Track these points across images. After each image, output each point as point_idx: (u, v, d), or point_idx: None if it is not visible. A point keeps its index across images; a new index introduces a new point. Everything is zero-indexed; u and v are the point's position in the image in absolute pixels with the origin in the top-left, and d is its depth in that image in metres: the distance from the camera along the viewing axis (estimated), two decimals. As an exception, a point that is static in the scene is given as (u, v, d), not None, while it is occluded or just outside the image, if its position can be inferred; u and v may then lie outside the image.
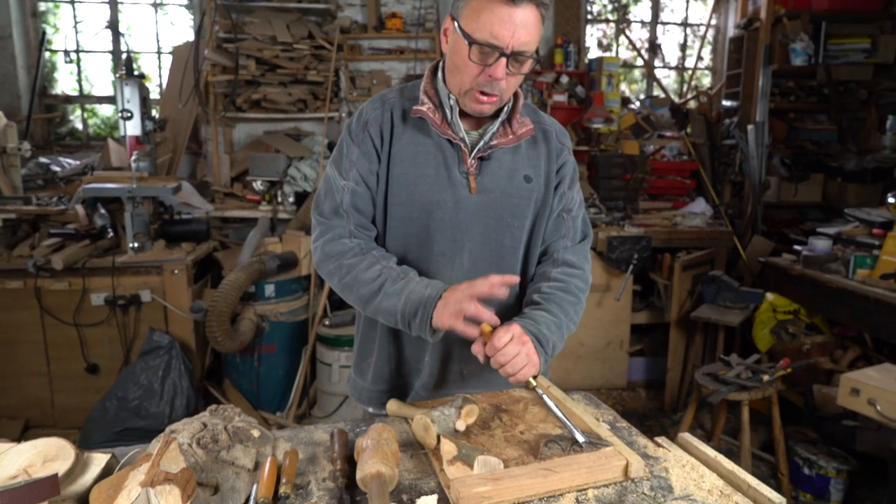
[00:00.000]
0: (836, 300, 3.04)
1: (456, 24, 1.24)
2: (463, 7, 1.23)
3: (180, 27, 5.01)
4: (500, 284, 1.22)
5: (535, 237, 1.43)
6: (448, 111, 1.34)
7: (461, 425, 1.20)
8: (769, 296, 3.49)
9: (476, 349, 1.23)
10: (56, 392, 3.33)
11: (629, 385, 4.17)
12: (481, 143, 1.35)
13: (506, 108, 1.36)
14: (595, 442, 1.15)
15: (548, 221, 1.43)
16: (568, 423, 1.17)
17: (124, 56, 3.73)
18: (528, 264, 1.45)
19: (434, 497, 0.97)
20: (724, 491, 1.07)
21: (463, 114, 1.35)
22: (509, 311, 1.40)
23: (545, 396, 1.22)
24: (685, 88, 5.55)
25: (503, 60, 1.21)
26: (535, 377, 1.24)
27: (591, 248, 1.42)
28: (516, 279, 1.27)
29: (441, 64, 1.37)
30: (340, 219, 1.36)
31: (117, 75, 3.46)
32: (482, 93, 1.26)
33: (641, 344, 4.28)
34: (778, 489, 2.67)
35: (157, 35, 4.96)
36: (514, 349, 1.19)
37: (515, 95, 1.37)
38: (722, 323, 3.44)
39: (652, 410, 3.92)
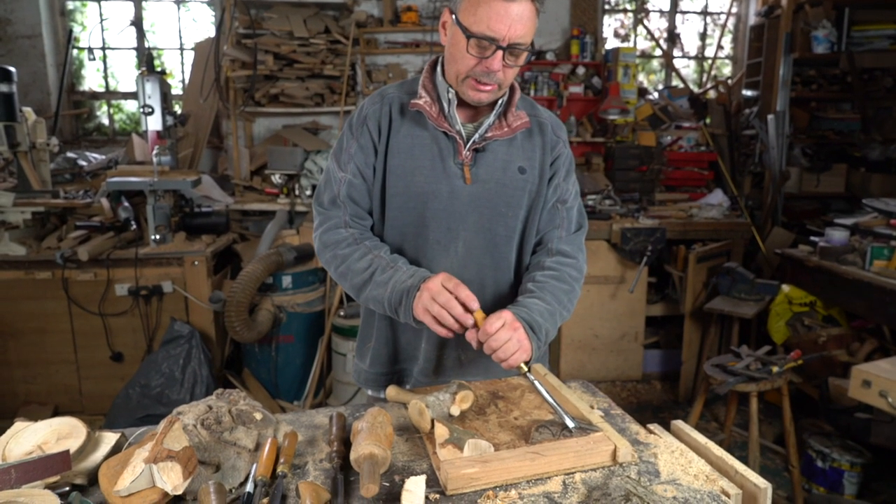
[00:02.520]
0: (853, 292, 3.00)
1: (454, 17, 1.29)
2: (461, 1, 1.27)
3: (202, 23, 5.11)
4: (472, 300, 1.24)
5: (529, 227, 1.46)
6: (446, 104, 1.38)
7: (455, 410, 1.24)
8: (785, 287, 3.45)
9: (469, 336, 1.26)
10: (83, 379, 3.46)
11: (644, 377, 4.16)
12: (476, 134, 1.39)
13: (501, 102, 1.39)
14: (585, 427, 1.18)
15: (542, 212, 1.46)
16: (559, 408, 1.20)
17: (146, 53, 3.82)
18: (523, 253, 1.48)
19: (422, 478, 1.00)
20: (711, 476, 1.09)
21: (460, 106, 1.40)
22: (503, 300, 1.44)
23: (536, 382, 1.25)
24: (704, 78, 5.47)
25: (499, 53, 1.26)
26: (526, 363, 1.26)
27: (605, 241, 1.46)
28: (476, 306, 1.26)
29: (440, 59, 1.41)
30: (337, 209, 1.42)
31: (139, 72, 3.55)
32: (479, 81, 1.30)
33: (657, 336, 4.26)
34: (789, 482, 2.67)
35: (180, 32, 5.06)
36: (506, 335, 1.22)
37: (512, 89, 1.41)
38: (736, 315, 3.42)
39: (667, 402, 3.91)
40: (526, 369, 1.26)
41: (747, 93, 5.06)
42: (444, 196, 1.38)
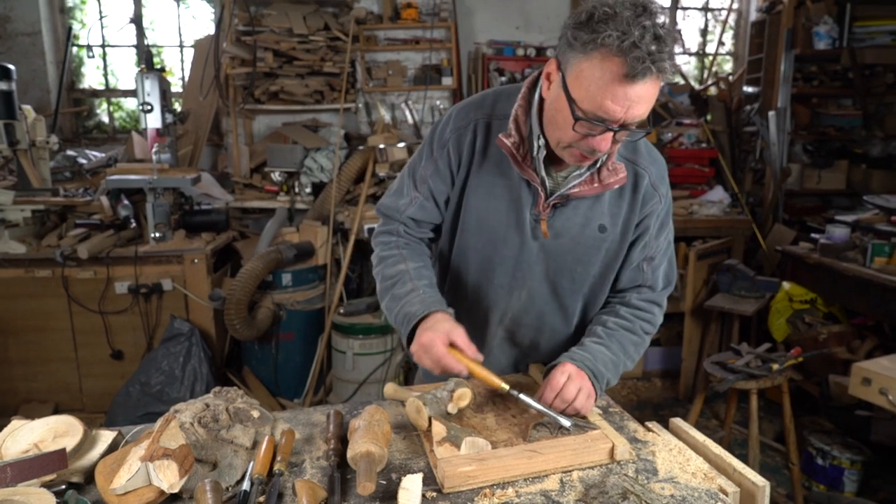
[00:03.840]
0: (853, 289, 3.00)
1: (561, 76, 1.11)
2: (573, 63, 1.07)
3: (202, 21, 5.10)
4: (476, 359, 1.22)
5: (601, 282, 1.39)
6: (535, 147, 1.23)
7: (453, 408, 1.23)
8: (785, 285, 3.44)
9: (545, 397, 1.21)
10: (84, 377, 3.46)
11: (645, 374, 4.15)
12: (560, 189, 1.27)
13: (600, 159, 1.23)
14: (582, 425, 1.18)
15: (623, 270, 1.38)
16: (550, 411, 1.20)
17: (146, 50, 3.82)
18: (589, 305, 1.42)
19: (419, 475, 1.00)
20: (709, 474, 1.09)
21: (548, 151, 1.25)
22: (558, 348, 1.40)
23: (522, 396, 1.22)
24: (705, 74, 5.46)
25: (609, 135, 1.10)
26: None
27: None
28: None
29: (539, 88, 1.24)
30: (395, 220, 1.42)
31: (138, 69, 3.54)
32: (582, 153, 1.16)
33: (658, 334, 4.25)
34: (789, 479, 2.66)
35: (180, 29, 5.06)
36: (574, 388, 1.19)
37: None
38: (736, 312, 3.41)
39: (667, 400, 3.90)
40: (507, 388, 1.23)
41: (748, 89, 5.04)
42: (515, 245, 1.33)
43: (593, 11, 1.04)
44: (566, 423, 1.17)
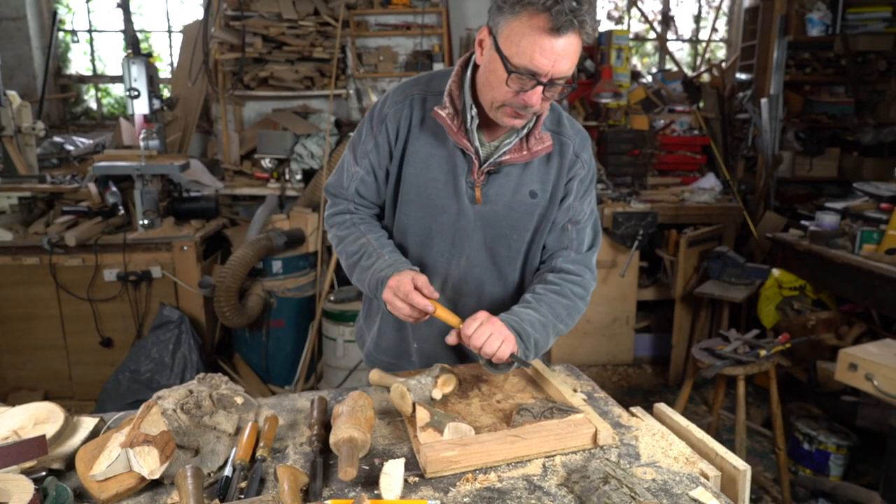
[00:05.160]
0: (842, 276, 3.01)
1: (493, 39, 1.20)
2: (502, 25, 1.18)
3: (190, 5, 5.04)
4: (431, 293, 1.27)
5: (534, 248, 1.44)
6: (468, 118, 1.32)
7: (437, 394, 1.23)
8: (775, 272, 3.46)
9: (451, 340, 1.27)
10: (73, 365, 3.45)
11: (635, 361, 4.18)
12: (493, 157, 1.35)
13: (527, 124, 1.33)
14: (566, 409, 1.18)
15: (550, 232, 1.43)
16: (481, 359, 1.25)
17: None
18: (526, 272, 1.47)
19: (401, 461, 1.00)
20: (690, 458, 1.09)
21: (481, 122, 1.34)
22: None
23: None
24: (699, 61, 5.44)
25: (539, 88, 1.19)
26: (515, 356, 1.24)
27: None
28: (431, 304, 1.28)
29: (473, 60, 1.33)
30: (343, 198, 1.47)
31: (125, 54, 3.49)
32: (516, 112, 1.24)
33: (648, 320, 4.28)
34: (776, 464, 2.69)
35: (168, 14, 4.99)
36: (486, 330, 1.21)
37: None
38: (726, 299, 3.43)
39: (657, 386, 3.93)
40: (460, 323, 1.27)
41: (741, 76, 5.03)
42: (452, 212, 1.38)
43: None
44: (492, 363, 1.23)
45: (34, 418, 1.08)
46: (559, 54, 1.15)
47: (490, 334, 1.21)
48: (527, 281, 1.47)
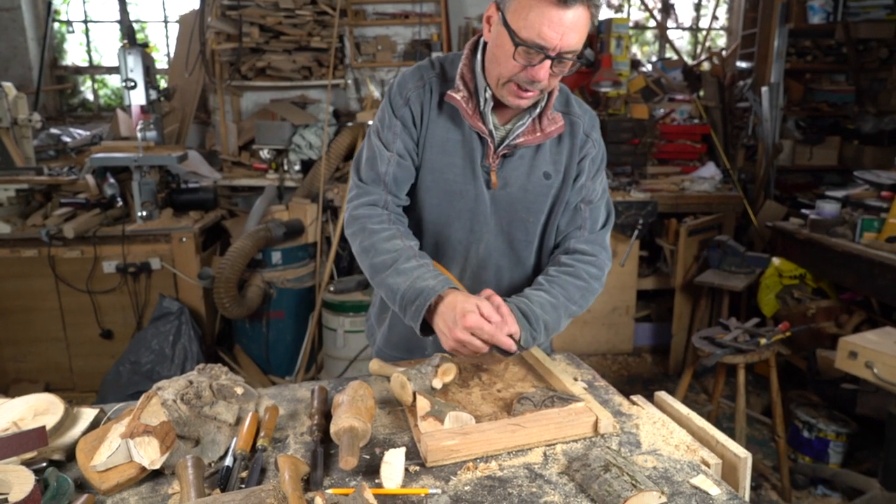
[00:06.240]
0: (842, 264, 3.01)
1: (501, 15, 1.19)
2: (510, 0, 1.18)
3: (186, -5, 5.00)
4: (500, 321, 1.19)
5: (549, 230, 1.43)
6: (482, 101, 1.31)
7: (438, 383, 1.23)
8: (775, 260, 3.45)
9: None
10: (73, 357, 3.45)
11: (635, 350, 4.18)
12: (507, 140, 1.34)
13: (539, 104, 1.32)
14: (567, 398, 1.18)
15: (563, 213, 1.42)
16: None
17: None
18: (542, 256, 1.46)
19: (402, 450, 1.00)
20: (691, 446, 1.09)
21: (496, 103, 1.33)
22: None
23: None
24: (699, 50, 5.41)
25: (547, 62, 1.18)
26: (517, 342, 1.21)
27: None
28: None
29: (482, 42, 1.33)
30: (378, 187, 1.36)
31: (121, 44, 3.47)
32: (521, 87, 1.23)
33: (648, 309, 4.28)
34: (776, 452, 2.70)
35: (164, 4, 4.95)
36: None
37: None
38: (726, 288, 3.43)
39: (657, 375, 3.94)
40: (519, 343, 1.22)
41: (742, 64, 5.00)
42: (470, 197, 1.36)
43: None
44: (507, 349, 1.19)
45: (34, 409, 1.08)
46: (567, 27, 1.13)
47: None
48: (543, 264, 1.46)
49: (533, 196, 1.37)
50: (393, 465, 0.97)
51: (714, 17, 5.35)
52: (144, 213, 3.35)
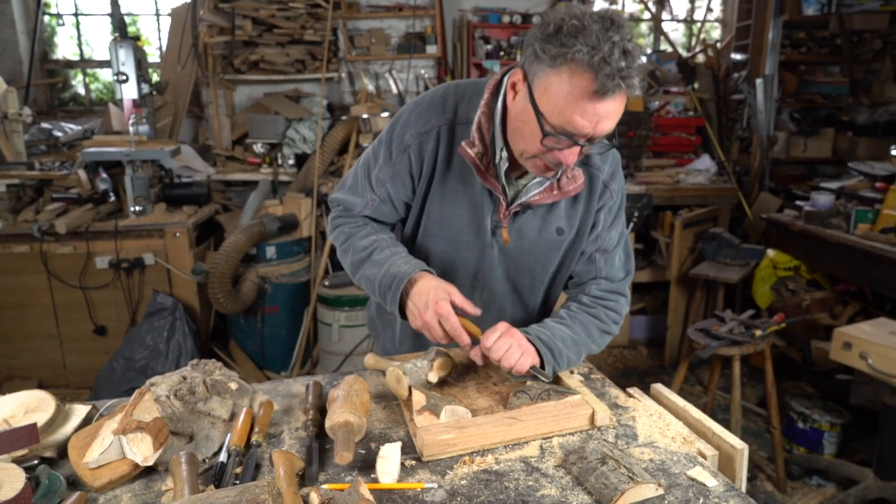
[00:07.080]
0: (837, 256, 3.01)
1: (528, 89, 1.08)
2: (540, 77, 1.05)
3: (177, -12, 4.94)
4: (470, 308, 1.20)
5: (558, 278, 1.41)
6: (497, 156, 1.22)
7: (433, 377, 1.22)
8: (770, 252, 3.46)
9: (473, 353, 1.21)
10: (67, 353, 3.42)
11: (630, 343, 4.19)
12: (521, 197, 1.27)
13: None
14: (563, 391, 1.18)
15: (578, 261, 1.38)
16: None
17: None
18: (550, 299, 1.45)
19: (398, 444, 1.00)
20: (688, 438, 1.09)
21: (511, 157, 1.24)
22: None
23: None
24: (694, 42, 5.40)
25: (576, 149, 1.09)
26: (535, 367, 1.19)
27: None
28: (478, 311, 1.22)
29: (504, 87, 1.20)
30: (355, 215, 1.39)
31: (112, 38, 3.43)
32: (546, 165, 1.14)
33: (643, 302, 4.28)
34: (771, 442, 2.71)
35: (155, -4, 4.90)
36: (505, 343, 1.16)
37: None
38: (721, 280, 3.43)
39: (652, 368, 3.94)
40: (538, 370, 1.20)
41: (736, 56, 5.00)
42: (476, 249, 1.33)
43: (561, 24, 1.01)
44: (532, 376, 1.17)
45: (25, 407, 1.07)
46: (602, 115, 1.03)
47: (509, 346, 1.16)
48: (550, 303, 1.44)
49: (543, 251, 1.33)
50: (389, 460, 0.96)
51: (709, 10, 5.34)
52: (137, 208, 3.32)
